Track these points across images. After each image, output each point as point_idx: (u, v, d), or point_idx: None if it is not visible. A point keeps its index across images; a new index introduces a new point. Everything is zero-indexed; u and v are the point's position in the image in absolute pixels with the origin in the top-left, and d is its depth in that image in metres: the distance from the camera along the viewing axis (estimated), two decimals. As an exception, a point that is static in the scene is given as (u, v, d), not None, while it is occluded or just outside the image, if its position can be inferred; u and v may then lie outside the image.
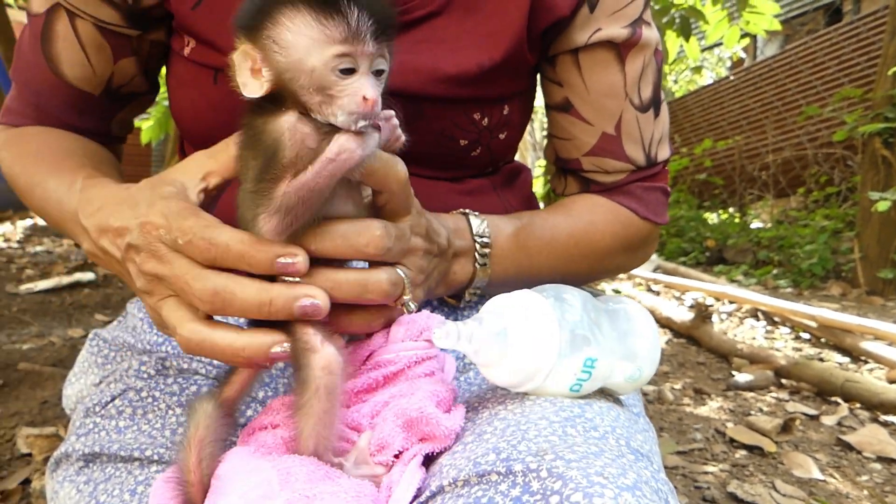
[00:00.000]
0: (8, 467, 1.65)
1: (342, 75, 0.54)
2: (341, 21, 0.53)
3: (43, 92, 0.90)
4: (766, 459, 1.77)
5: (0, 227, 6.11)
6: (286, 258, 0.57)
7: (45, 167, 0.86)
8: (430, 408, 0.58)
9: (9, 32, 3.10)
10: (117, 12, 0.86)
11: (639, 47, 0.89)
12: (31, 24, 0.89)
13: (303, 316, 0.57)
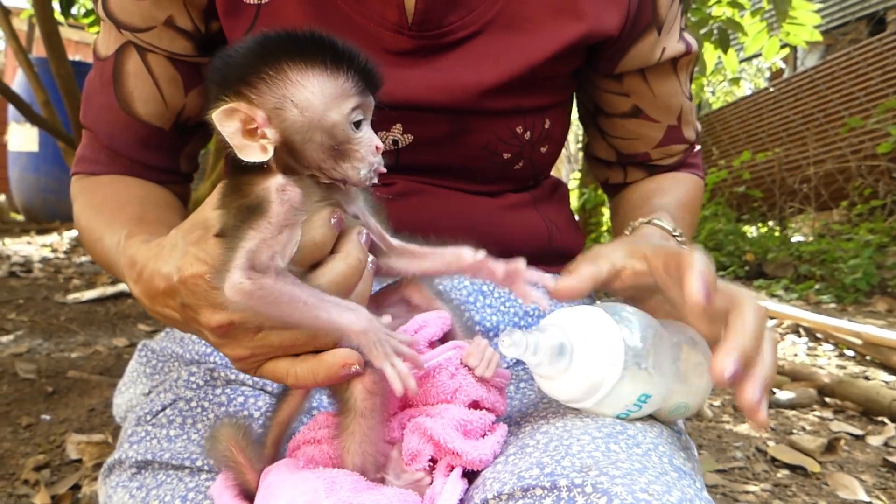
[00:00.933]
0: (58, 472, 1.69)
1: (355, 128, 0.54)
2: (352, 77, 0.54)
3: (116, 134, 0.91)
4: (809, 480, 1.73)
5: (48, 237, 6.29)
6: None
7: (103, 221, 0.85)
8: (454, 440, 0.59)
9: (60, 49, 3.21)
10: (190, 42, 0.88)
11: (689, 56, 0.99)
12: (100, 69, 0.91)
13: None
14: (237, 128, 0.53)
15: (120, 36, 0.87)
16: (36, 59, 5.03)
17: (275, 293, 0.51)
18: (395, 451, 0.61)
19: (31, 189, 7.29)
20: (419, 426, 0.61)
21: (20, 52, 3.75)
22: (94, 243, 0.85)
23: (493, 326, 0.87)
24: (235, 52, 0.55)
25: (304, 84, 0.53)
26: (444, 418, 0.61)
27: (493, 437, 0.63)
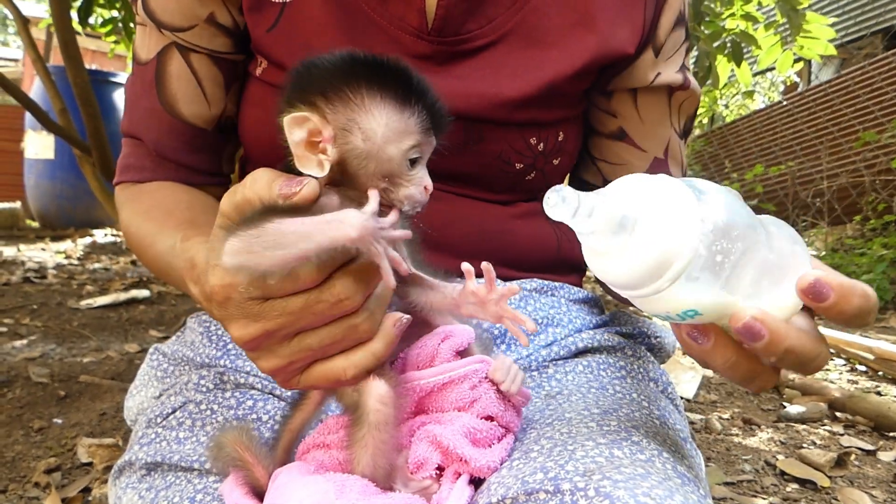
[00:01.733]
0: (69, 476, 1.70)
1: (411, 165, 0.56)
2: (420, 115, 0.55)
3: (162, 138, 0.93)
4: (819, 494, 1.72)
5: (62, 244, 6.34)
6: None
7: (153, 227, 0.86)
8: (462, 446, 0.59)
9: (78, 58, 3.26)
10: (230, 39, 0.90)
11: (687, 92, 0.97)
12: (141, 74, 0.92)
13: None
14: (303, 137, 0.54)
15: (161, 37, 0.89)
16: (53, 67, 5.10)
17: (262, 238, 0.50)
18: (402, 459, 0.61)
19: (46, 196, 7.36)
20: (428, 433, 0.61)
21: (38, 61, 3.80)
22: (146, 248, 0.86)
23: (503, 333, 0.88)
24: (321, 62, 0.56)
25: (374, 113, 0.54)
26: (454, 425, 0.61)
27: (501, 444, 0.63)
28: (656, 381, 0.86)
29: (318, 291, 0.53)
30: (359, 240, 0.49)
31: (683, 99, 0.98)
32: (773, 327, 0.49)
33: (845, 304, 0.49)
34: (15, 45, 22.07)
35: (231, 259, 0.52)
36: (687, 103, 0.99)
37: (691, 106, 1.00)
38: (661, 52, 0.93)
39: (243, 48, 0.92)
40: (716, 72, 3.33)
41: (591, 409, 0.70)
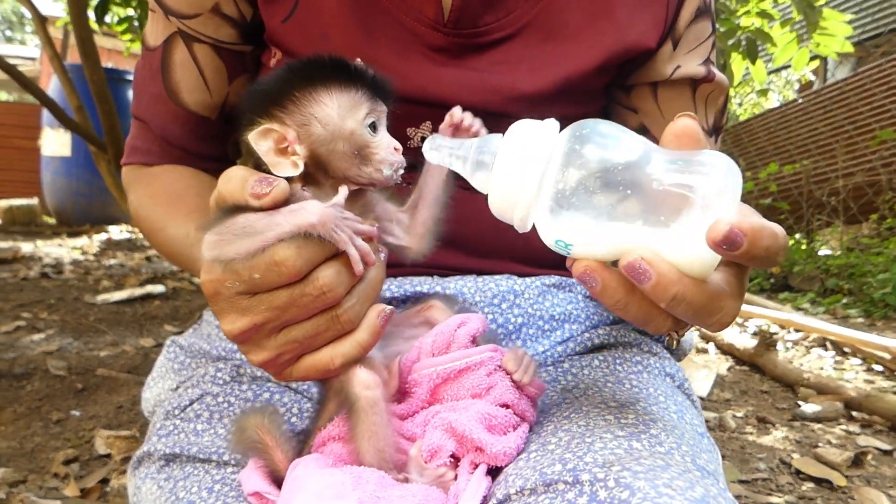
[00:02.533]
0: (87, 467, 1.73)
1: (372, 132, 0.60)
2: (362, 88, 0.60)
3: (167, 124, 0.94)
4: (835, 493, 1.71)
5: (78, 240, 6.40)
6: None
7: (163, 212, 0.88)
8: (477, 431, 0.60)
9: (94, 55, 3.29)
10: (235, 29, 0.90)
11: (712, 84, 0.94)
12: (149, 59, 0.93)
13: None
14: (270, 147, 0.58)
15: (168, 24, 0.90)
16: (70, 65, 5.15)
17: (232, 228, 0.54)
18: (414, 449, 0.62)
19: (62, 192, 7.43)
20: (442, 420, 0.62)
21: (55, 59, 3.84)
22: (157, 233, 0.89)
23: (517, 328, 0.88)
24: (266, 80, 0.61)
25: (324, 101, 0.59)
26: (469, 411, 0.62)
27: (516, 433, 0.63)
28: (672, 377, 0.86)
29: (302, 285, 0.55)
30: (319, 225, 0.53)
31: (709, 92, 0.95)
32: (662, 270, 0.47)
33: (755, 248, 0.46)
34: (32, 43, 22.27)
35: (208, 252, 0.55)
36: (713, 96, 0.95)
37: (718, 98, 0.96)
38: (681, 43, 0.91)
39: (250, 39, 0.92)
40: (730, 69, 3.31)
41: (608, 403, 0.70)
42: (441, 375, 0.65)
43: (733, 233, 0.45)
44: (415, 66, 0.85)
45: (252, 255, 0.54)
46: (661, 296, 0.48)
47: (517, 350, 0.67)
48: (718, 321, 0.51)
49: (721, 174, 0.47)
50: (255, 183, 0.54)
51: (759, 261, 0.48)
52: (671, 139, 0.53)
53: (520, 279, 0.91)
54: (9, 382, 2.32)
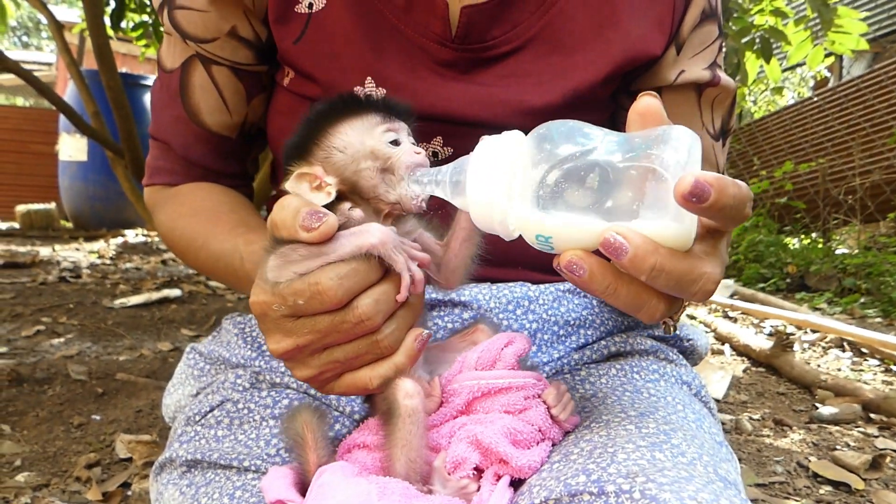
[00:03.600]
0: (108, 471, 1.75)
1: (392, 146, 0.63)
2: (375, 111, 0.65)
3: (189, 145, 0.95)
4: (853, 497, 1.70)
5: (95, 244, 6.47)
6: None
7: (202, 229, 0.89)
8: (502, 444, 0.61)
9: (111, 61, 3.32)
10: (252, 51, 0.91)
11: (717, 88, 0.93)
12: (166, 81, 0.94)
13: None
14: (307, 187, 0.63)
15: (185, 48, 0.91)
16: (86, 71, 5.21)
17: (298, 251, 0.58)
18: (438, 460, 0.62)
19: (79, 197, 7.52)
20: (468, 433, 0.62)
21: (72, 65, 3.89)
22: (197, 250, 0.90)
23: (532, 334, 0.88)
24: (292, 136, 0.67)
25: (340, 131, 0.64)
26: (495, 425, 0.62)
27: (540, 447, 0.64)
28: (689, 385, 0.86)
29: (343, 312, 0.58)
30: (380, 245, 0.58)
31: (714, 96, 0.94)
32: (636, 242, 0.48)
33: (723, 197, 0.46)
34: (49, 49, 22.50)
35: (272, 273, 0.59)
36: (719, 100, 0.95)
37: (725, 102, 0.96)
38: (685, 48, 0.91)
39: (266, 60, 0.94)
40: (744, 68, 3.29)
41: (627, 412, 0.70)
42: (481, 389, 0.66)
43: (700, 183, 0.45)
44: (424, 82, 0.86)
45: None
46: (639, 268, 0.48)
47: (560, 385, 0.68)
48: (701, 289, 0.51)
49: (684, 144, 0.49)
50: (306, 215, 0.57)
51: (728, 212, 0.48)
52: (636, 118, 0.54)
53: (534, 286, 0.91)
54: (31, 387, 2.35)
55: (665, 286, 0.50)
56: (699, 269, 0.50)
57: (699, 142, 0.51)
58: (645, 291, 0.52)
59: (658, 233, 0.49)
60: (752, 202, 0.51)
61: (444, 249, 0.67)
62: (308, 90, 0.89)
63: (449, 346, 0.73)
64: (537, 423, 0.65)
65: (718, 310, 4.04)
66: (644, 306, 0.52)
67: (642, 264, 0.48)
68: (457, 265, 0.67)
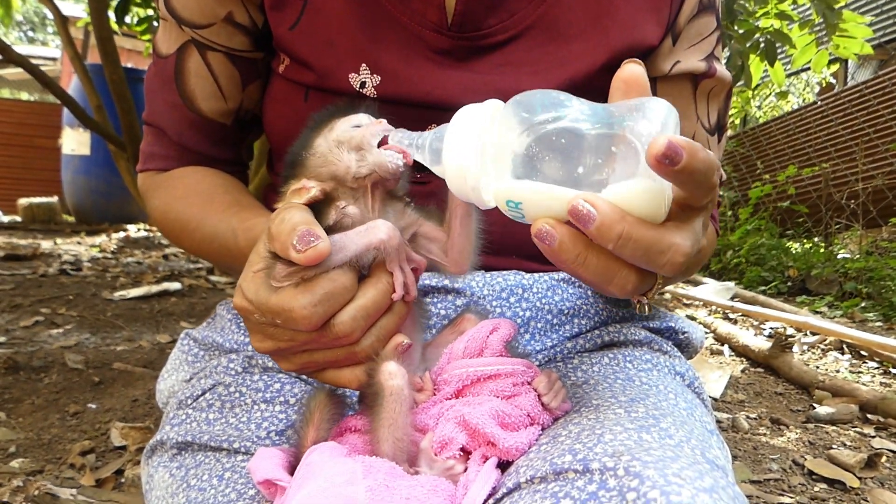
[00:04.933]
0: (103, 458, 1.75)
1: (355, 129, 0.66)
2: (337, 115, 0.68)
3: (184, 131, 0.95)
4: (847, 495, 1.69)
5: (96, 238, 6.48)
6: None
7: (196, 211, 0.90)
8: (490, 426, 0.61)
9: (114, 55, 3.33)
10: (248, 38, 0.92)
11: (713, 80, 0.94)
12: (161, 67, 0.94)
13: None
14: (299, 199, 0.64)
15: (181, 34, 0.91)
16: (90, 65, 5.22)
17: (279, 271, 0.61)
18: (426, 441, 0.63)
19: (82, 191, 7.53)
20: (456, 413, 0.63)
21: (76, 59, 3.90)
22: (191, 233, 0.90)
23: (525, 322, 0.88)
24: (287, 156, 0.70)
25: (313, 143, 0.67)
26: (483, 406, 0.63)
27: (528, 430, 0.64)
28: (682, 376, 0.86)
29: (319, 333, 0.61)
30: (388, 240, 0.60)
31: (710, 87, 0.94)
32: (604, 210, 0.47)
33: (695, 160, 0.46)
34: (54, 44, 22.56)
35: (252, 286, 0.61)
36: (715, 91, 0.95)
37: (720, 94, 0.96)
38: (680, 39, 0.91)
39: (262, 47, 0.94)
40: (748, 71, 3.28)
41: (617, 398, 0.70)
42: (470, 377, 0.66)
43: (672, 145, 0.45)
44: (419, 70, 0.86)
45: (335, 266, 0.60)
46: (606, 236, 0.48)
47: (551, 373, 0.68)
48: (670, 261, 0.50)
49: (658, 116, 0.48)
50: (300, 236, 0.57)
51: (698, 177, 0.47)
52: (619, 86, 0.55)
53: (528, 274, 0.91)
54: (27, 375, 2.35)
55: (632, 256, 0.50)
56: (668, 240, 0.49)
57: (675, 114, 0.50)
58: (615, 262, 0.51)
59: (628, 201, 0.48)
60: (720, 172, 0.51)
61: (446, 233, 0.67)
62: (303, 77, 0.89)
63: (441, 341, 0.73)
64: (526, 408, 0.65)
65: (718, 311, 4.04)
66: (614, 278, 0.52)
67: (609, 232, 0.48)
68: (462, 245, 0.68)
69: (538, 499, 0.53)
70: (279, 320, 0.59)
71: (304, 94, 0.89)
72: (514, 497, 0.56)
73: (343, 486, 0.56)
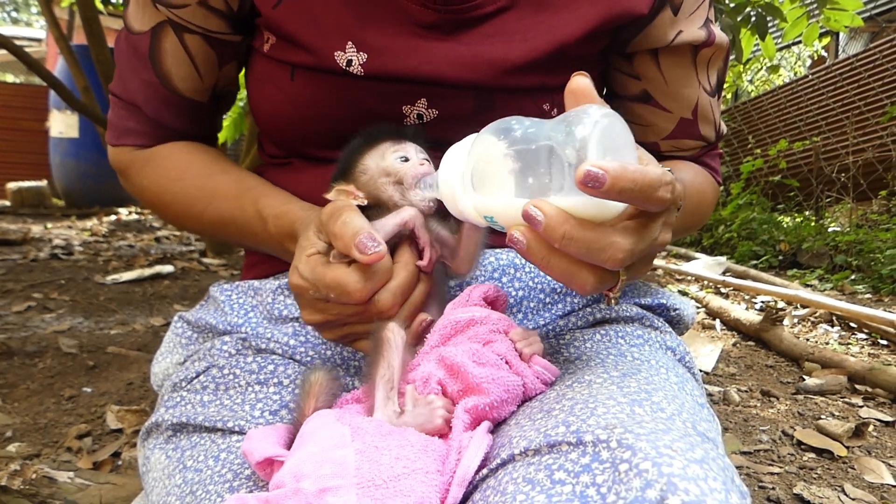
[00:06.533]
0: (99, 441, 1.76)
1: (402, 162, 0.76)
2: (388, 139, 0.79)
3: (160, 109, 0.95)
4: (835, 463, 1.72)
5: (87, 222, 6.45)
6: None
7: (200, 194, 0.93)
8: (460, 357, 0.65)
9: (100, 34, 3.29)
10: (223, 21, 0.90)
11: (712, 48, 0.95)
12: (133, 43, 0.93)
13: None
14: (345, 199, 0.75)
15: (156, 12, 0.90)
16: (76, 46, 5.15)
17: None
18: (410, 387, 0.66)
19: (71, 175, 7.47)
20: (436, 354, 0.67)
21: (61, 40, 3.85)
22: (199, 214, 0.94)
23: (518, 301, 0.89)
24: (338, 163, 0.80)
25: (363, 160, 0.78)
26: (459, 347, 0.67)
27: (504, 371, 0.66)
28: (674, 351, 0.87)
29: (364, 307, 0.72)
30: (416, 216, 0.74)
31: (710, 55, 0.96)
32: (549, 213, 0.54)
33: (620, 182, 0.51)
34: (38, 25, 22.23)
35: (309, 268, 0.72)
36: (714, 58, 0.97)
37: (719, 60, 0.98)
38: (682, 9, 0.91)
39: (240, 30, 0.93)
40: (739, 45, 3.27)
41: (610, 373, 0.71)
42: (451, 325, 0.70)
43: (592, 172, 0.50)
44: (406, 45, 0.85)
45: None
46: (552, 236, 0.55)
47: (528, 330, 0.73)
48: (610, 257, 0.56)
49: (590, 123, 0.54)
50: (364, 239, 0.66)
51: (631, 196, 0.53)
52: (569, 96, 0.61)
53: None
54: (21, 360, 2.35)
55: (577, 253, 0.56)
56: (607, 239, 0.55)
57: (615, 118, 0.56)
58: (574, 264, 0.58)
59: (571, 206, 0.55)
60: (669, 187, 0.55)
61: (457, 240, 0.77)
62: (289, 56, 0.88)
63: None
64: (501, 352, 0.68)
65: (710, 286, 4.07)
66: (574, 277, 0.58)
67: (554, 233, 0.54)
68: (468, 252, 0.77)
69: (532, 471, 0.55)
70: (333, 294, 0.69)
71: (290, 73, 0.89)
72: (509, 468, 0.57)
73: (332, 450, 0.57)
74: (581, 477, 0.52)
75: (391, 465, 0.56)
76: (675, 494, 0.46)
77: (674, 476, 0.47)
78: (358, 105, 0.87)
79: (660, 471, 0.48)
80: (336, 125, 0.89)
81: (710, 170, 1.07)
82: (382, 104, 0.88)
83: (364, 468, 0.55)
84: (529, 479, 0.54)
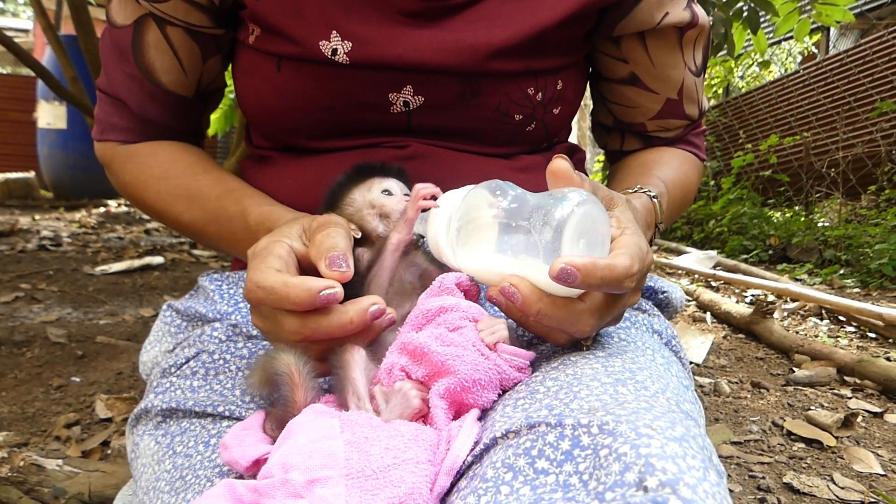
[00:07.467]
0: (88, 430, 1.75)
1: (386, 196, 0.78)
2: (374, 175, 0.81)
3: (145, 103, 0.94)
4: (824, 453, 1.74)
5: (76, 214, 6.41)
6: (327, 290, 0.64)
7: (182, 193, 0.92)
8: (422, 339, 0.64)
9: (88, 24, 3.26)
10: (206, 15, 0.90)
11: (697, 29, 0.97)
12: (116, 37, 0.92)
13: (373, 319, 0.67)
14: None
15: (138, 6, 0.89)
16: (64, 36, 5.10)
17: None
18: (377, 387, 0.65)
19: (59, 166, 7.41)
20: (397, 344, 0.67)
21: (49, 30, 3.80)
22: (180, 214, 0.93)
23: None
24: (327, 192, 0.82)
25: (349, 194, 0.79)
26: (422, 332, 0.66)
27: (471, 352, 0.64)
28: (660, 334, 0.87)
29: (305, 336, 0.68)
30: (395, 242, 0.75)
31: (695, 36, 0.98)
32: (525, 293, 0.60)
33: (590, 279, 0.56)
34: (25, 15, 22.02)
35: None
36: (699, 38, 0.99)
37: (703, 39, 1.00)
38: None
39: (222, 24, 0.92)
40: (731, 40, 3.27)
41: (595, 354, 0.70)
42: (421, 314, 0.68)
43: (565, 270, 0.56)
44: (390, 33, 0.85)
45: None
46: (529, 311, 0.61)
47: (496, 319, 0.70)
48: (580, 330, 0.63)
49: (568, 209, 0.59)
50: (338, 256, 0.66)
51: (600, 288, 0.59)
52: (550, 177, 0.66)
53: None
54: (9, 350, 2.33)
55: (549, 325, 0.62)
56: (577, 316, 0.62)
57: (593, 203, 0.61)
58: (547, 327, 0.63)
59: (545, 282, 0.59)
60: (633, 278, 0.60)
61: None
62: (275, 47, 0.88)
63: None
64: (470, 338, 0.66)
65: (701, 280, 4.08)
66: (549, 337, 0.67)
67: (529, 309, 0.61)
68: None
69: (510, 454, 0.54)
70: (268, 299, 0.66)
71: (276, 64, 0.88)
72: (490, 453, 0.57)
73: (320, 441, 0.56)
74: (564, 466, 0.52)
75: (381, 455, 0.55)
76: (653, 475, 0.46)
77: (651, 456, 0.47)
78: (344, 94, 0.87)
79: (637, 452, 0.48)
80: (323, 115, 0.89)
81: (694, 148, 1.10)
82: (368, 92, 0.87)
83: (353, 459, 0.54)
84: (510, 466, 0.53)
